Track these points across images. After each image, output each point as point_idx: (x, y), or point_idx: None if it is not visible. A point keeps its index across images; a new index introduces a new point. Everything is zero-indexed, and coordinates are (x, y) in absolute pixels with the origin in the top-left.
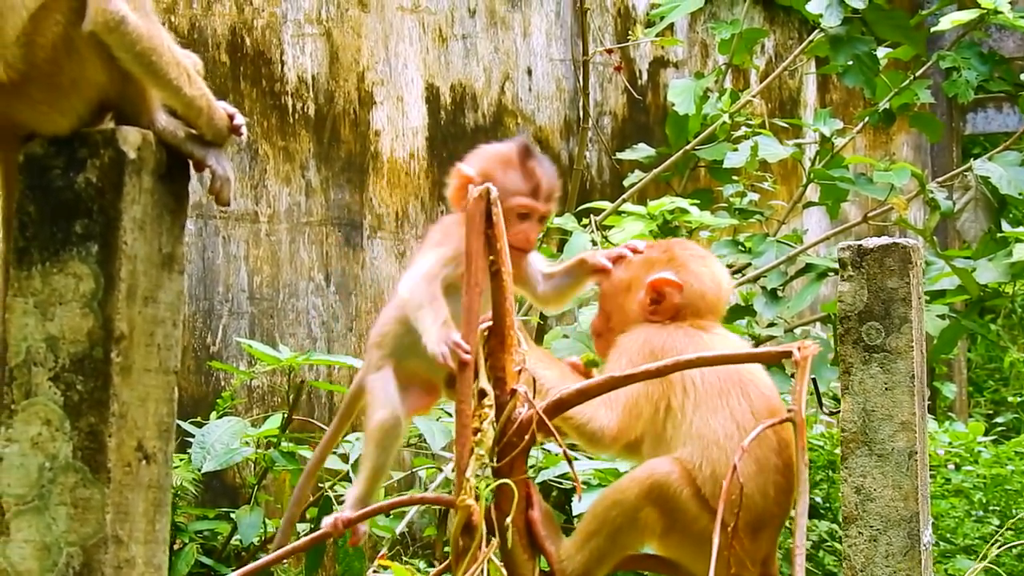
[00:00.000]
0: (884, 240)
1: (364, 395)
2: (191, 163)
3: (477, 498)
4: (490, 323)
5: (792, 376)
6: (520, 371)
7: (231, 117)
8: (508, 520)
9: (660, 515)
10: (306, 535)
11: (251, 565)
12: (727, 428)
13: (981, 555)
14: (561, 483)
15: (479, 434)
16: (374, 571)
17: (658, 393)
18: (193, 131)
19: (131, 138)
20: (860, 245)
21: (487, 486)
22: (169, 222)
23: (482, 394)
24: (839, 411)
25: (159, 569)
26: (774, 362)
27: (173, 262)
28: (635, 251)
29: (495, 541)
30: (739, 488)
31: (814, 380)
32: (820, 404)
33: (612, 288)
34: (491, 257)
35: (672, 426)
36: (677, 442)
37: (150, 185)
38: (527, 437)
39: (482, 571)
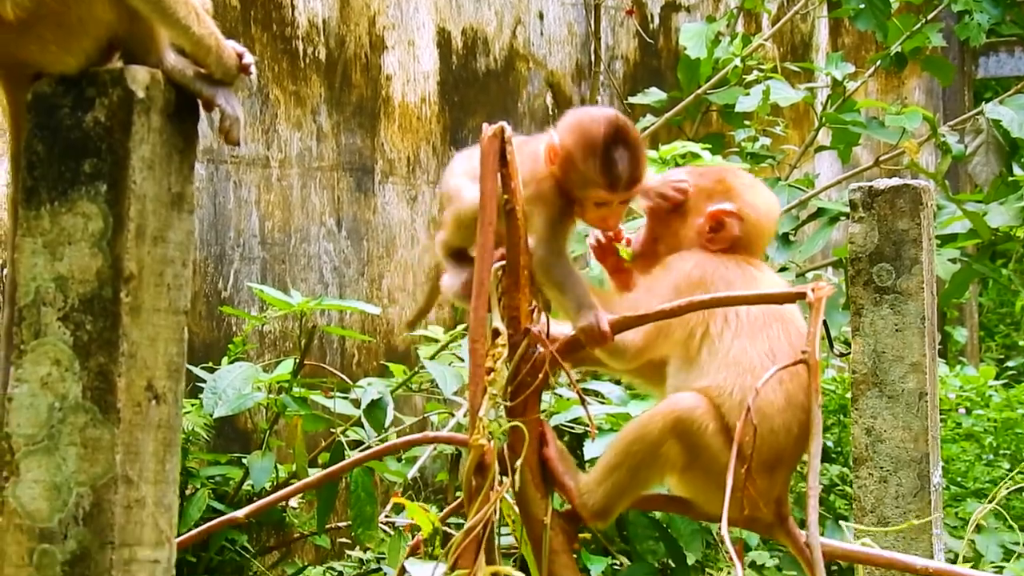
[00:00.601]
0: (895, 181)
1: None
2: (200, 102)
3: (490, 438)
4: (504, 262)
5: (805, 318)
6: (534, 310)
7: (240, 56)
8: (520, 459)
9: (682, 450)
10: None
11: (261, 501)
12: (764, 360)
13: (990, 497)
14: (573, 428)
15: (492, 374)
16: (386, 515)
17: (696, 319)
18: (202, 70)
19: (139, 77)
20: (871, 186)
21: (500, 426)
22: (178, 161)
23: (496, 333)
24: (849, 353)
25: (169, 509)
26: (789, 302)
27: (182, 202)
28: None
29: (507, 480)
30: (753, 429)
31: (825, 323)
32: (831, 346)
33: (666, 213)
34: (505, 196)
35: (708, 352)
36: (711, 368)
37: (159, 124)
38: (540, 376)
39: (494, 510)
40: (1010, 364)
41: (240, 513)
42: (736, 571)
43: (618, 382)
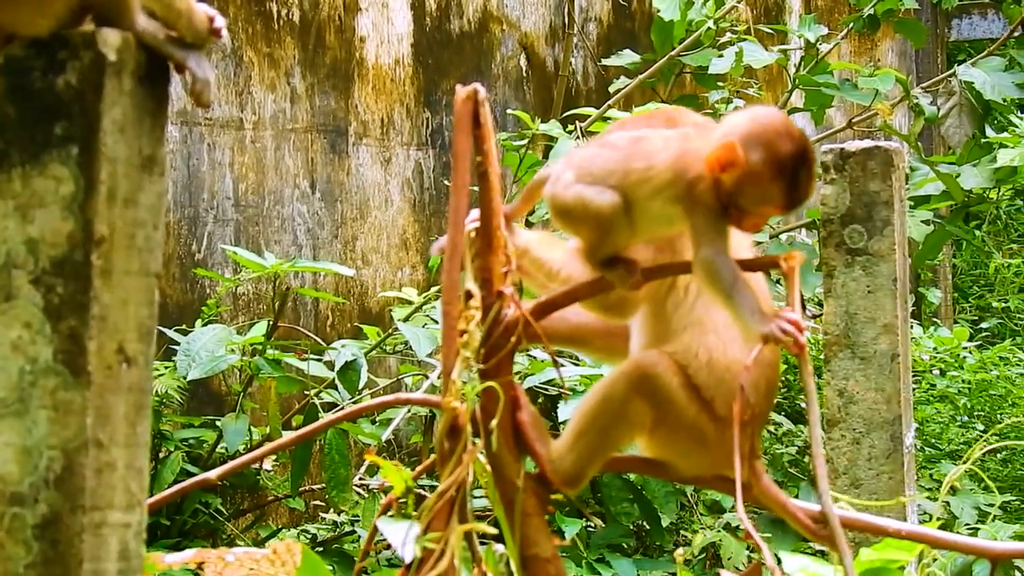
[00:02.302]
0: (866, 143)
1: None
2: (171, 65)
3: (463, 400)
4: (477, 223)
5: (777, 283)
6: (507, 272)
7: (211, 19)
8: (494, 422)
9: (649, 407)
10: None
11: (233, 462)
12: (726, 318)
13: (964, 458)
14: (547, 389)
15: (465, 335)
16: (360, 478)
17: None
18: (173, 33)
19: (111, 40)
20: (842, 148)
21: (473, 388)
22: (150, 124)
23: (468, 295)
24: (821, 314)
25: (140, 472)
26: (760, 270)
27: (154, 164)
28: None
29: (480, 443)
30: (745, 401)
31: None
32: (803, 308)
33: None
34: (479, 158)
35: (673, 305)
36: (676, 323)
37: (130, 87)
38: (513, 339)
39: (467, 473)
40: (984, 325)
41: (212, 474)
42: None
43: (576, 360)
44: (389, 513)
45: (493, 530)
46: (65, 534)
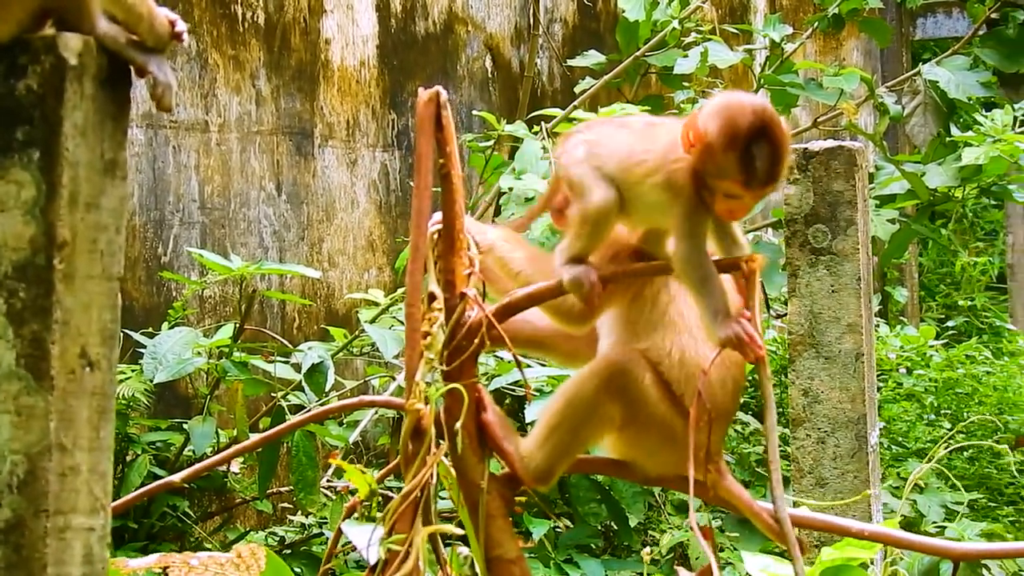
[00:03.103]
0: (830, 143)
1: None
2: (133, 69)
3: (426, 402)
4: (440, 225)
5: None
6: (470, 274)
7: (172, 23)
8: (458, 424)
9: (620, 404)
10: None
11: (198, 465)
12: (698, 317)
13: (928, 457)
14: (514, 390)
15: (428, 338)
16: (328, 480)
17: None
18: (134, 37)
19: (72, 44)
20: (806, 148)
21: (437, 390)
22: (111, 128)
23: (432, 297)
24: (786, 314)
25: (104, 476)
26: (722, 273)
27: (116, 168)
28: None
29: (444, 445)
30: (708, 413)
31: (761, 284)
32: (768, 308)
33: None
34: (441, 160)
35: (645, 303)
36: (649, 321)
37: (91, 91)
38: (477, 341)
39: (432, 475)
40: (950, 324)
41: (177, 477)
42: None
43: (543, 362)
44: (354, 515)
45: (458, 531)
46: (29, 538)
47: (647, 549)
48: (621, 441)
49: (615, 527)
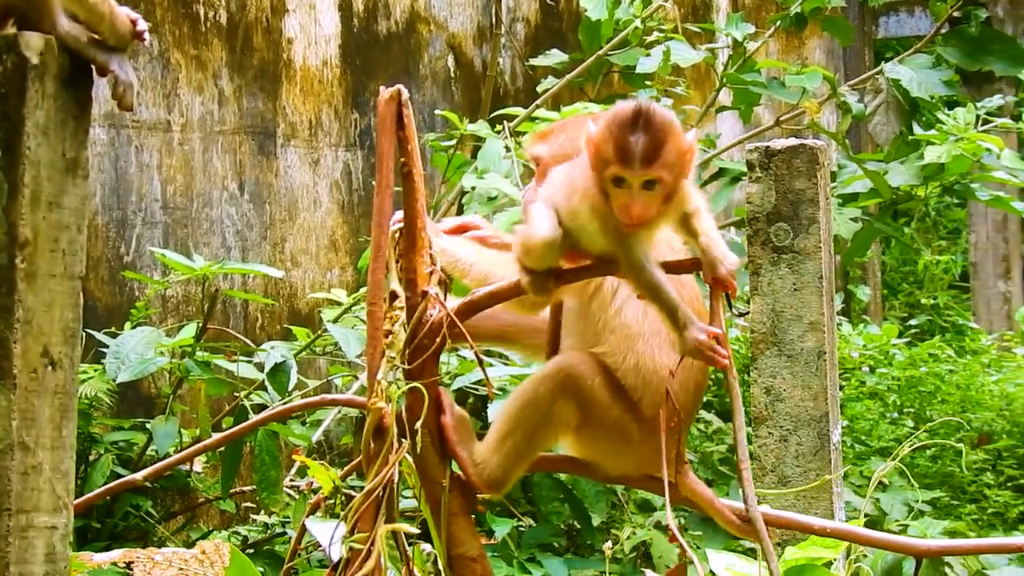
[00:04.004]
0: (791, 141)
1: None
2: (94, 68)
3: (388, 400)
4: (401, 224)
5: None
6: (431, 272)
7: (134, 23)
8: (420, 422)
9: (574, 407)
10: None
11: (160, 463)
12: (655, 323)
13: (892, 455)
14: (477, 390)
15: (390, 336)
16: (291, 479)
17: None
18: (96, 36)
19: (34, 43)
20: (768, 147)
21: (398, 388)
22: (73, 127)
23: (393, 296)
24: (748, 312)
25: (66, 475)
26: (685, 272)
27: (77, 167)
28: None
29: (406, 443)
30: (674, 411)
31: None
32: (730, 307)
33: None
34: (402, 159)
35: (599, 306)
36: (605, 325)
37: (53, 90)
38: (438, 339)
39: (394, 473)
40: (913, 322)
41: (139, 475)
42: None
43: (506, 360)
44: (318, 512)
45: (417, 531)
46: None
47: (608, 544)
48: (579, 443)
49: (578, 526)
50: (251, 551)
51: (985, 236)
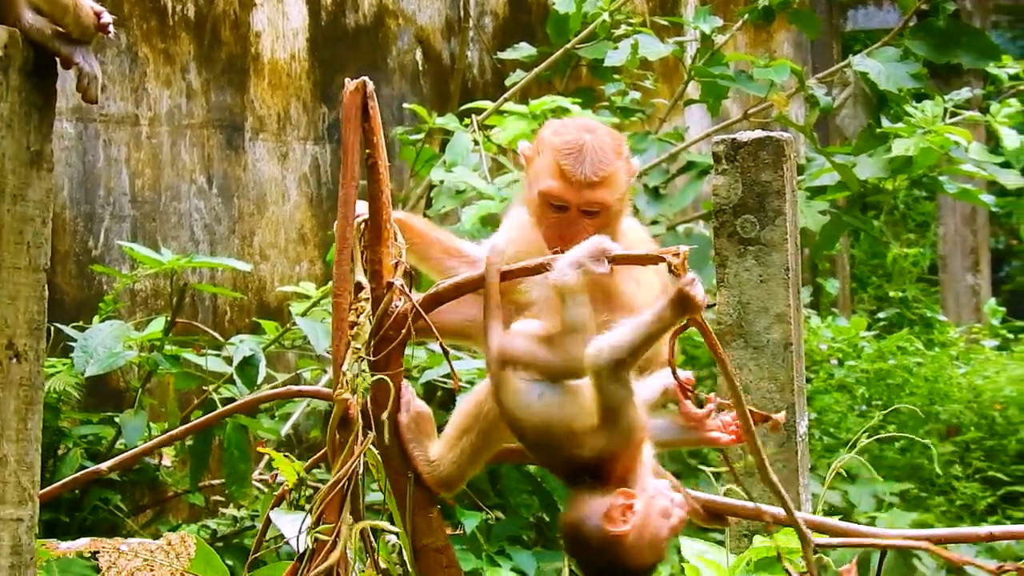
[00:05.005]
0: (758, 133)
1: None
2: (58, 61)
3: (354, 391)
4: (366, 216)
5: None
6: (397, 264)
7: (98, 15)
8: (385, 414)
9: None
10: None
11: (126, 454)
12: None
13: (850, 443)
14: (445, 383)
15: (355, 328)
16: (260, 473)
17: None
18: (60, 29)
19: None
20: (734, 139)
21: (364, 380)
22: (37, 120)
23: (359, 287)
24: (715, 304)
25: (31, 467)
26: (648, 264)
27: (42, 160)
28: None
29: (372, 435)
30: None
31: None
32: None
33: None
34: (367, 151)
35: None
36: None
37: (17, 83)
38: (404, 331)
39: (358, 464)
40: (881, 315)
41: (104, 466)
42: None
43: (475, 354)
44: (283, 504)
45: (384, 524)
46: None
47: None
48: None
49: (547, 519)
50: (220, 544)
51: (954, 229)
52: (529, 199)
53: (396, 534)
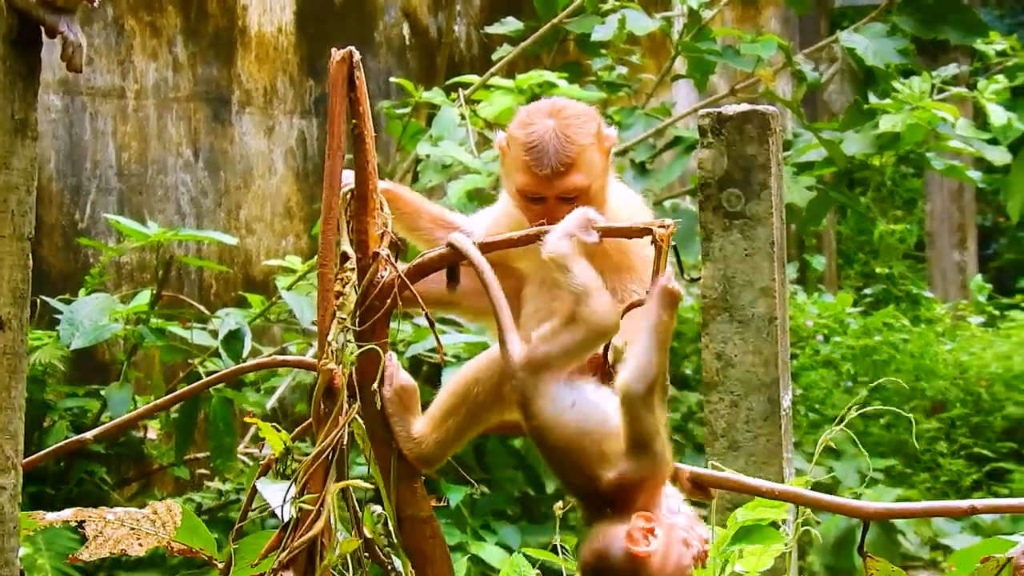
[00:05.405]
0: (743, 107)
1: None
2: (43, 29)
3: (339, 361)
4: (352, 186)
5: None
6: (383, 234)
7: None
8: (375, 385)
9: None
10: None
11: (110, 423)
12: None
13: (836, 419)
14: (431, 357)
15: (341, 298)
16: (245, 446)
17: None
18: None
19: None
20: (719, 112)
21: (350, 351)
22: (22, 88)
23: (344, 258)
24: (700, 278)
25: (15, 436)
26: (633, 237)
27: (26, 128)
28: None
29: (357, 405)
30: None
31: (675, 248)
32: (681, 272)
33: None
34: (353, 121)
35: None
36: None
37: (1, 51)
38: (389, 301)
39: (343, 434)
40: (868, 291)
41: (89, 435)
42: None
43: (460, 328)
44: (269, 473)
45: (367, 485)
46: None
47: (560, 504)
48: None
49: (532, 493)
50: (205, 517)
51: (940, 206)
52: (510, 191)
53: (381, 504)
